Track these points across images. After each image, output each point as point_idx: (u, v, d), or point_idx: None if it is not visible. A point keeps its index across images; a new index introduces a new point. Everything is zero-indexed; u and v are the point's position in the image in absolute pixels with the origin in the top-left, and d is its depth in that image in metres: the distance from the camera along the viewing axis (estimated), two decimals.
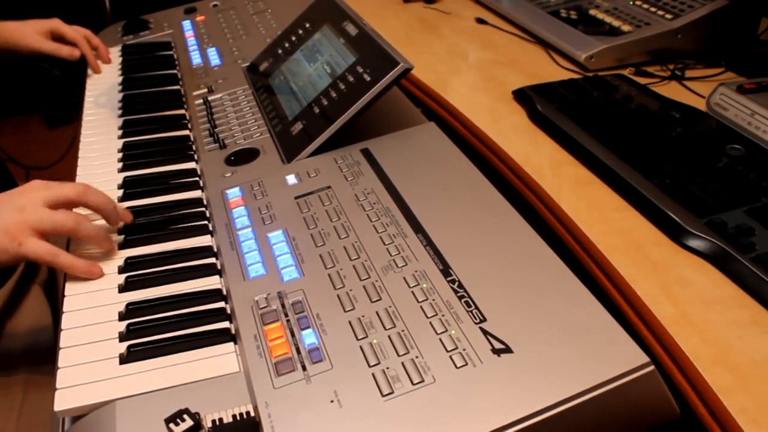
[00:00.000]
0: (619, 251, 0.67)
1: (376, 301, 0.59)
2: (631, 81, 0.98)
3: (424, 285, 0.60)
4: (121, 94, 1.08)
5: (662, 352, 0.59)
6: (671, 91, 0.97)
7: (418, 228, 0.66)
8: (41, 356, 0.80)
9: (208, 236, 0.75)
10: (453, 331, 0.55)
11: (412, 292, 0.59)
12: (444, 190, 0.72)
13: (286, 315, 0.59)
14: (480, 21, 1.28)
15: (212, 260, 0.71)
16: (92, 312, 0.65)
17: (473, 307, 0.56)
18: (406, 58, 0.79)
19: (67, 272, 0.66)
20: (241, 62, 1.10)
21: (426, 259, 0.62)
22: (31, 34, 1.11)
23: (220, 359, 0.59)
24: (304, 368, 0.54)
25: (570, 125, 0.86)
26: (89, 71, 1.17)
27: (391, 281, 0.61)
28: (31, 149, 2.28)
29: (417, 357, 0.53)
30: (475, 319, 0.55)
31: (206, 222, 0.77)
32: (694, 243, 0.66)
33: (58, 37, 1.14)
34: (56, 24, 1.14)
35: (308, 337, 0.56)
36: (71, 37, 1.14)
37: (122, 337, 0.62)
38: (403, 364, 0.53)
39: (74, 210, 0.70)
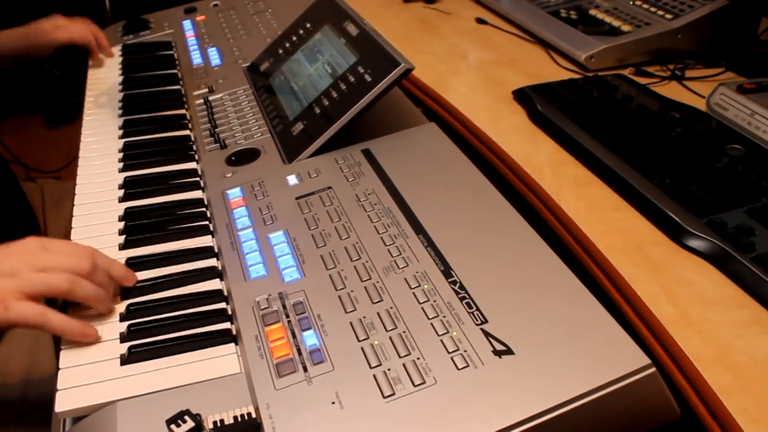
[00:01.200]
0: (619, 251, 0.67)
1: (377, 302, 0.59)
2: (631, 81, 0.98)
3: (425, 286, 0.60)
4: (122, 94, 1.08)
5: (662, 352, 0.59)
6: (671, 91, 0.98)
7: (419, 229, 0.66)
8: (42, 357, 0.80)
9: (209, 237, 0.75)
10: (454, 333, 0.55)
11: (413, 293, 0.59)
12: (445, 190, 0.72)
13: (287, 316, 0.59)
14: (480, 21, 1.28)
15: (213, 261, 0.71)
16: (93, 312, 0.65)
17: (474, 308, 0.57)
18: (407, 58, 0.79)
19: (60, 335, 0.61)
20: (241, 62, 1.10)
21: (427, 260, 0.62)
22: (45, 31, 1.12)
23: (221, 360, 0.59)
24: (305, 369, 0.54)
25: (570, 125, 0.86)
26: (89, 71, 1.17)
27: (393, 282, 0.61)
28: (31, 149, 2.28)
29: (418, 358, 0.53)
30: (476, 320, 0.55)
31: (207, 222, 0.77)
32: (694, 243, 0.66)
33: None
34: (61, 21, 1.14)
35: (309, 338, 0.56)
36: (77, 36, 1.15)
37: (123, 338, 0.62)
38: (404, 365, 0.53)
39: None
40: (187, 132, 0.97)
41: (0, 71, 1.16)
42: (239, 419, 0.53)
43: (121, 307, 0.65)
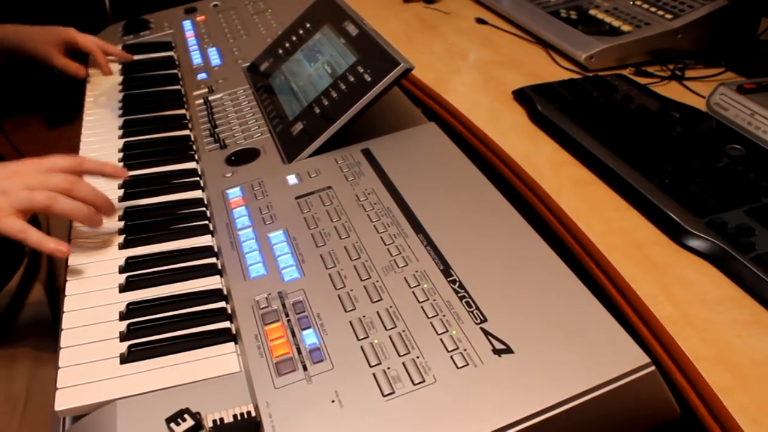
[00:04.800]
0: (619, 251, 0.67)
1: (376, 301, 0.59)
2: (631, 81, 0.98)
3: (425, 285, 0.60)
4: (122, 94, 1.08)
5: (662, 352, 0.59)
6: (671, 91, 0.98)
7: (418, 228, 0.66)
8: (42, 356, 0.80)
9: (209, 236, 0.75)
10: (454, 332, 0.55)
11: (413, 292, 0.59)
12: (444, 190, 0.72)
13: (287, 315, 0.59)
14: (480, 21, 1.28)
15: (213, 260, 0.71)
16: (93, 312, 0.65)
17: (474, 307, 0.57)
18: (407, 58, 0.79)
19: (36, 249, 0.69)
20: (241, 62, 1.10)
21: (427, 259, 0.62)
22: (45, 44, 1.12)
23: (221, 359, 0.59)
24: (304, 368, 0.54)
25: (570, 125, 0.86)
26: (90, 71, 1.17)
27: (392, 281, 0.61)
28: (31, 149, 2.27)
29: (418, 357, 0.53)
30: (476, 319, 0.55)
31: (207, 222, 0.77)
32: (694, 243, 0.66)
33: (71, 47, 1.15)
34: (71, 34, 1.14)
35: (309, 337, 0.56)
36: (84, 45, 1.15)
37: (123, 337, 0.62)
38: (404, 364, 0.53)
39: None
40: (186, 132, 0.97)
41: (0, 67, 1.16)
42: (239, 418, 0.52)
43: (121, 305, 0.65)
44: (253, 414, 0.53)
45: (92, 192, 0.73)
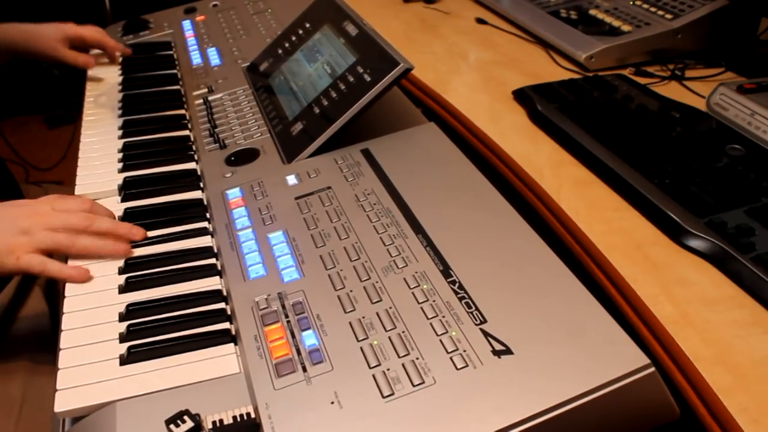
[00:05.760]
0: (619, 251, 0.67)
1: (376, 302, 0.59)
2: (631, 81, 0.98)
3: (425, 286, 0.60)
4: (121, 94, 1.08)
5: (662, 352, 0.59)
6: (671, 91, 0.97)
7: (418, 229, 0.66)
8: (41, 357, 0.80)
9: (209, 237, 0.75)
10: (453, 333, 0.55)
11: (413, 293, 0.59)
12: (444, 190, 0.72)
13: (287, 316, 0.59)
14: (480, 21, 1.28)
15: (212, 261, 0.71)
16: (92, 313, 0.65)
17: (473, 308, 0.56)
18: (406, 58, 0.79)
19: (57, 279, 0.71)
20: (241, 62, 1.10)
21: (426, 259, 0.62)
22: (49, 41, 1.12)
23: (221, 360, 0.59)
24: (304, 369, 0.54)
25: (570, 125, 0.86)
26: (89, 71, 1.17)
27: (392, 282, 0.61)
28: (31, 149, 2.28)
29: (417, 358, 0.53)
30: (476, 320, 0.55)
31: (206, 222, 0.77)
32: (694, 243, 0.66)
33: (75, 42, 1.15)
34: (72, 29, 1.14)
35: (309, 338, 0.56)
36: (91, 39, 1.16)
37: (122, 338, 0.62)
38: (403, 365, 0.53)
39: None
40: (186, 132, 0.97)
41: (1, 67, 1.15)
42: (238, 419, 0.53)
43: (120, 306, 0.65)
44: (253, 415, 0.53)
45: (112, 225, 0.74)
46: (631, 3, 1.16)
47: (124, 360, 0.59)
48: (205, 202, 0.80)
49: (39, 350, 0.82)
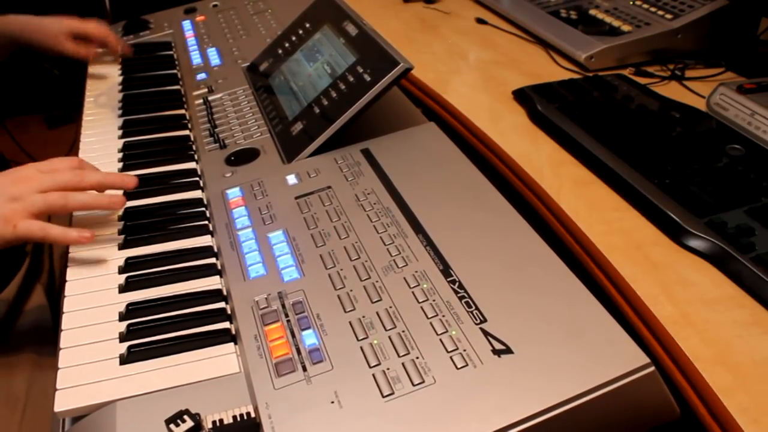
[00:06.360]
0: (619, 251, 0.67)
1: (376, 301, 0.59)
2: (631, 81, 0.98)
3: (425, 285, 0.60)
4: (121, 94, 1.08)
5: (662, 352, 0.59)
6: (671, 91, 0.97)
7: (418, 228, 0.66)
8: (42, 357, 0.80)
9: (209, 236, 0.75)
10: (453, 332, 0.55)
11: (413, 292, 0.59)
12: (444, 190, 0.72)
13: (287, 315, 0.59)
14: (480, 21, 1.28)
15: (212, 260, 0.71)
16: (92, 312, 0.65)
17: (473, 307, 0.56)
18: (406, 58, 0.79)
19: (61, 243, 0.71)
20: (241, 62, 1.10)
21: (426, 259, 0.62)
22: (53, 33, 1.12)
23: (221, 360, 0.59)
24: (304, 369, 0.54)
25: (570, 125, 0.86)
26: (90, 70, 1.17)
27: (392, 282, 0.61)
28: (31, 149, 2.27)
29: (417, 358, 0.53)
30: (476, 319, 0.55)
31: (206, 222, 0.77)
32: (694, 243, 0.66)
33: (79, 36, 1.15)
34: (76, 24, 1.14)
35: (308, 338, 0.56)
36: (94, 34, 1.15)
37: (122, 338, 0.62)
38: (403, 364, 0.53)
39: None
40: (186, 132, 0.97)
41: (2, 62, 1.15)
42: (238, 419, 0.52)
43: (120, 305, 0.65)
44: (253, 415, 0.53)
45: (102, 177, 0.74)
46: (631, 3, 1.16)
47: (124, 359, 0.59)
48: (205, 202, 0.80)
49: (42, 347, 0.82)
